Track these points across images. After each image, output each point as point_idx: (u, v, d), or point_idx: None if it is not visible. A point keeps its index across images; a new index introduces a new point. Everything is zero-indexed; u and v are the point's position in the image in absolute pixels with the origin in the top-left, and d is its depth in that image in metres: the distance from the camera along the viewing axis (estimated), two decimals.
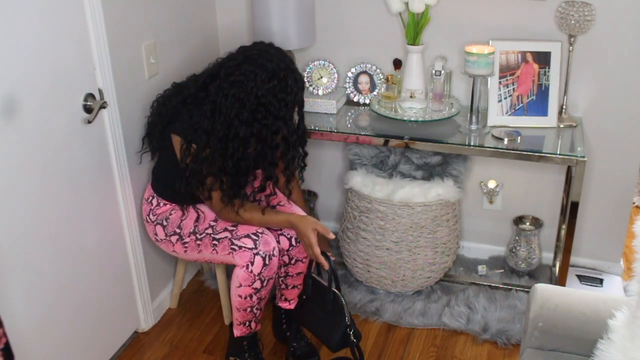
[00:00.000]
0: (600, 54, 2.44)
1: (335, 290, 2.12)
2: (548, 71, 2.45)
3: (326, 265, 2.10)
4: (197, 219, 2.21)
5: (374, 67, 2.69)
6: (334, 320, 2.11)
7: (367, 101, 2.73)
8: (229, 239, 2.14)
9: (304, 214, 2.29)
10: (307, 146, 2.27)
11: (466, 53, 2.38)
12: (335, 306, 2.11)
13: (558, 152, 2.31)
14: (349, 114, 2.70)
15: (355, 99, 2.75)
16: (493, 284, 2.70)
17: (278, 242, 2.27)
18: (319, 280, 2.20)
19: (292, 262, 2.30)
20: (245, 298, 2.13)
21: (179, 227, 2.23)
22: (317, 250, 2.11)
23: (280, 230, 2.27)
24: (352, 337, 2.10)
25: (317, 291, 2.19)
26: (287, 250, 2.28)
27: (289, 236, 2.26)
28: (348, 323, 2.10)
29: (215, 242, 2.17)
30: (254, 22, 2.55)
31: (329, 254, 2.13)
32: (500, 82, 2.47)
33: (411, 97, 2.57)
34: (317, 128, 2.54)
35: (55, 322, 2.04)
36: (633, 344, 1.45)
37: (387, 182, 2.62)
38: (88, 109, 2.04)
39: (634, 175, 2.60)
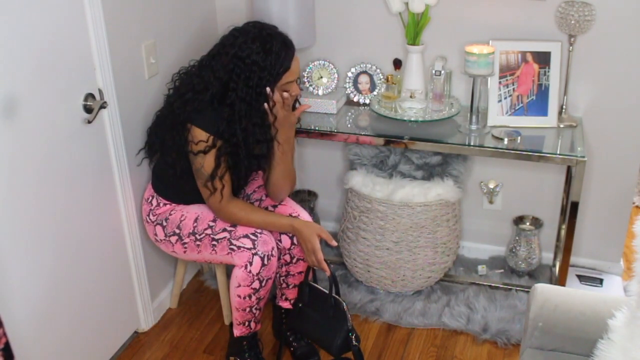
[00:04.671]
0: (600, 54, 2.44)
1: (336, 296, 2.12)
2: (548, 71, 2.45)
3: (328, 271, 2.10)
4: (197, 220, 2.21)
5: (374, 67, 2.69)
6: (335, 325, 2.11)
7: (367, 101, 2.73)
8: (228, 239, 2.14)
9: (307, 216, 2.28)
10: (307, 145, 2.24)
11: (466, 53, 2.38)
12: (337, 312, 2.11)
13: (558, 152, 2.31)
14: (349, 114, 2.70)
15: (355, 99, 2.75)
16: (493, 284, 2.70)
17: (279, 240, 2.26)
18: (317, 287, 2.20)
19: (294, 261, 2.29)
20: (244, 298, 2.13)
21: (179, 227, 2.23)
22: (321, 256, 2.11)
23: None
24: (354, 341, 2.10)
25: (315, 298, 2.20)
26: (289, 249, 2.27)
27: (290, 235, 2.26)
28: (350, 327, 2.10)
29: (214, 242, 2.17)
30: None
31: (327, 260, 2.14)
32: (500, 82, 2.47)
33: (411, 97, 2.57)
34: (317, 128, 2.54)
35: (55, 322, 2.04)
36: (633, 344, 1.45)
37: (387, 182, 2.62)
38: (88, 109, 2.04)
39: (634, 175, 2.60)
